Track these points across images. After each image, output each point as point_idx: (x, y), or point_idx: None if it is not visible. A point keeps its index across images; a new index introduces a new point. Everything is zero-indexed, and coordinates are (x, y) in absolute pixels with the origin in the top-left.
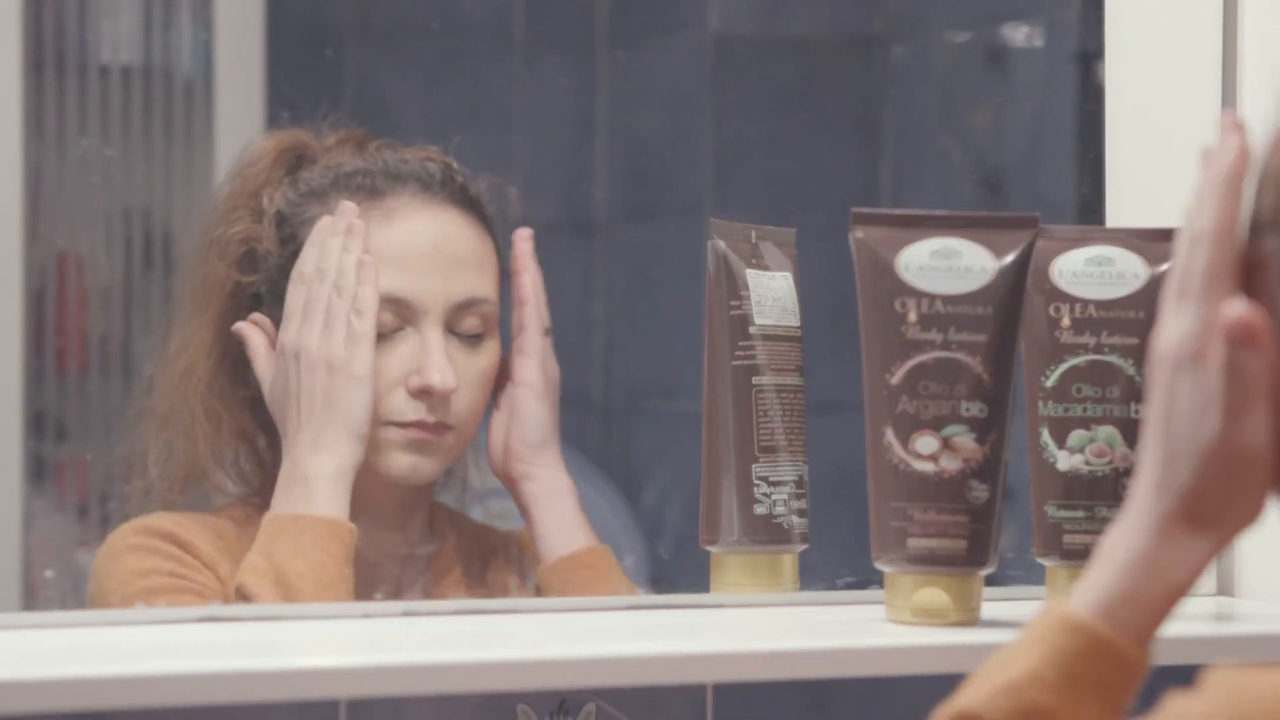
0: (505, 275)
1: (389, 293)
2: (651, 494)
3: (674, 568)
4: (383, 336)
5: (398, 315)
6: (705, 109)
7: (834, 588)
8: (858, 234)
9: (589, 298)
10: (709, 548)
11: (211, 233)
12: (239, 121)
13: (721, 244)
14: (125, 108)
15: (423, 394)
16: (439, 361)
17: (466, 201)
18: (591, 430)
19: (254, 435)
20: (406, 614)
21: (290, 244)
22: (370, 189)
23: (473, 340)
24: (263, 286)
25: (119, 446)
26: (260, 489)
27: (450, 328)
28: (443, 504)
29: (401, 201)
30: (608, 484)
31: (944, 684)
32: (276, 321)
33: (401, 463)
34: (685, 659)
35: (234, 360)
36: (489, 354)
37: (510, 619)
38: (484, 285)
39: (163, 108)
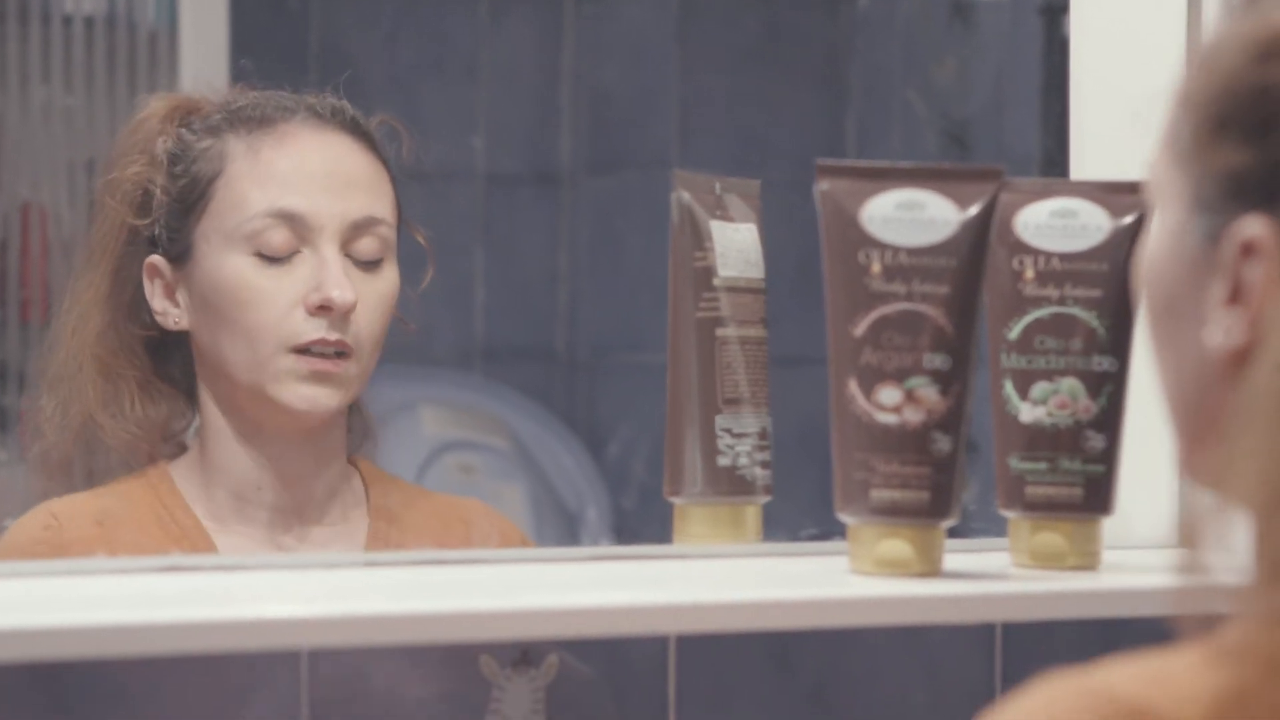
0: (401, 207)
1: (284, 208)
2: (616, 446)
3: (638, 519)
4: (279, 260)
5: (293, 234)
6: (670, 61)
7: (797, 539)
8: (822, 186)
9: (554, 250)
10: (672, 499)
11: (106, 178)
12: (203, 72)
13: (686, 196)
14: (89, 58)
15: (322, 310)
16: (337, 276)
17: (358, 131)
18: (556, 383)
19: (151, 380)
20: (369, 564)
21: (183, 179)
22: (261, 119)
23: (371, 265)
24: (160, 228)
25: (26, 414)
26: (164, 438)
27: (347, 249)
28: (370, 464)
29: (292, 127)
30: (572, 436)
31: (905, 635)
32: (173, 262)
33: (302, 394)
34: (648, 610)
35: (130, 303)
36: (388, 279)
37: (473, 570)
38: (380, 206)
39: (127, 58)
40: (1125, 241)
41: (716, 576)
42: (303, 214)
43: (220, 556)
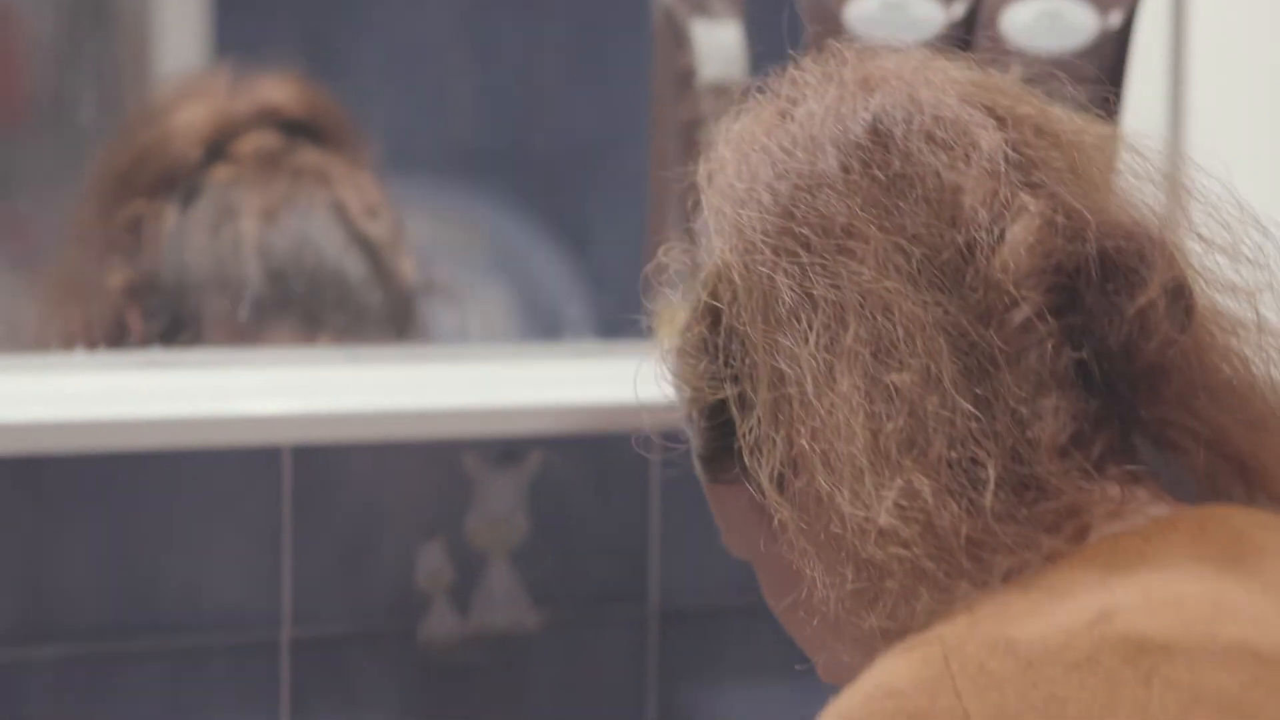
0: None
1: None
2: (599, 247)
3: (619, 319)
4: None
5: None
6: None
7: None
8: None
9: (532, 52)
10: (653, 299)
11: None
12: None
13: None
14: None
15: None
16: None
17: None
18: (537, 183)
19: None
20: (351, 360)
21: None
22: None
23: None
24: None
25: None
26: None
27: None
28: None
29: None
30: (555, 237)
31: None
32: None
33: None
34: (630, 409)
35: None
36: None
37: (456, 366)
38: None
39: None
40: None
41: None
42: None
43: (202, 352)
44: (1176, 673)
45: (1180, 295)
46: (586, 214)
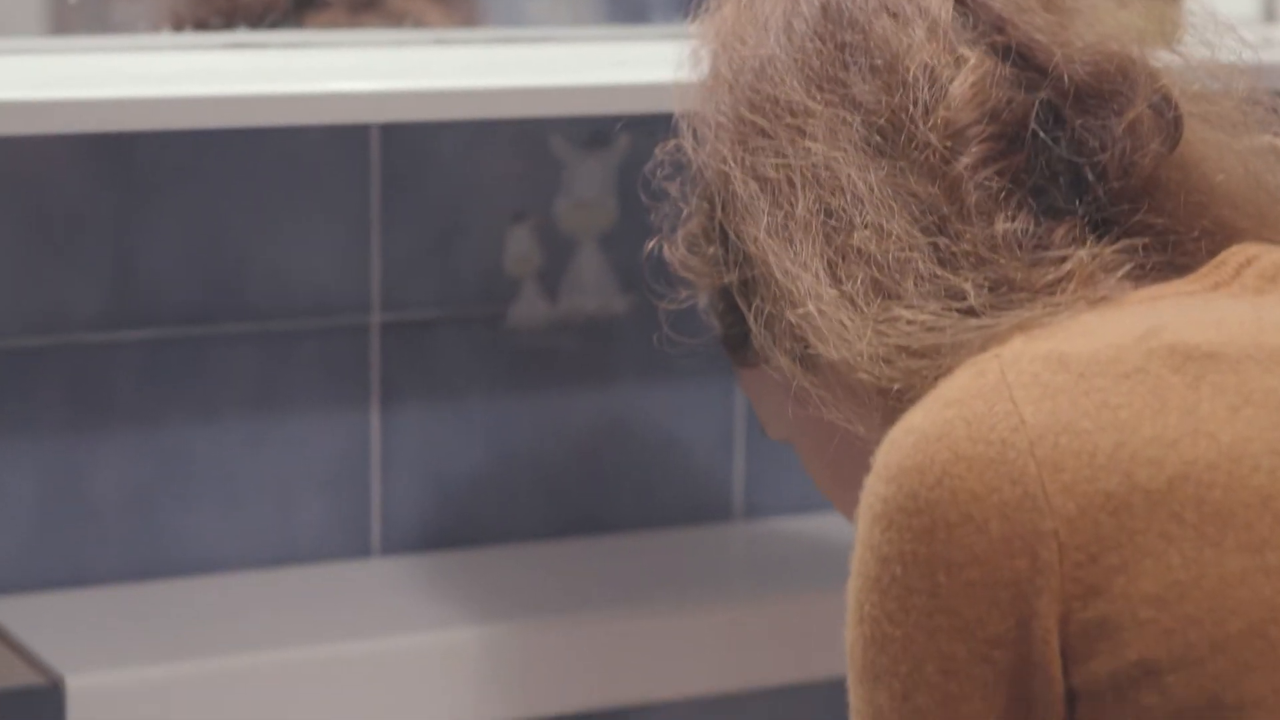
0: None
1: None
2: None
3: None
4: None
5: None
6: None
7: None
8: None
9: None
10: None
11: None
12: None
13: None
14: None
15: None
16: None
17: None
18: None
19: None
20: (438, 42)
21: None
22: None
23: None
24: None
25: None
26: None
27: None
28: None
29: None
30: None
31: None
32: None
33: None
34: None
35: None
36: None
37: (544, 48)
38: None
39: None
40: None
41: None
42: None
43: (288, 33)
44: (1223, 377)
45: (1166, 107)
46: None
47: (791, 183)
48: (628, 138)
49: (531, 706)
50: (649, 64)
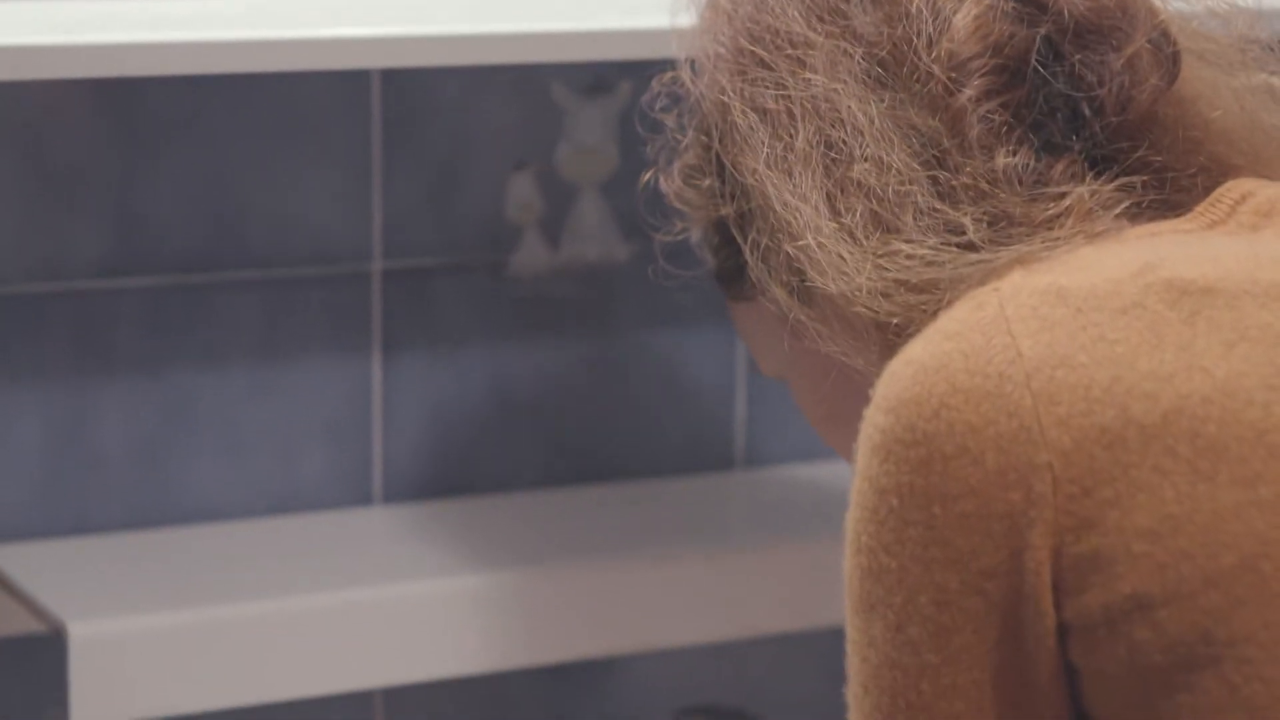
0: None
1: None
2: None
3: None
4: None
5: None
6: None
7: None
8: None
9: None
10: None
11: None
12: None
13: None
14: None
15: None
16: None
17: None
18: None
19: None
20: None
21: None
22: None
23: None
24: None
25: None
26: None
27: None
28: None
29: None
30: None
31: None
32: None
33: None
34: None
35: None
36: None
37: None
38: None
39: None
40: None
41: None
42: None
43: None
44: (1219, 313)
45: (1165, 43)
46: None
47: (791, 114)
48: (629, 84)
49: (533, 654)
50: (651, 9)
